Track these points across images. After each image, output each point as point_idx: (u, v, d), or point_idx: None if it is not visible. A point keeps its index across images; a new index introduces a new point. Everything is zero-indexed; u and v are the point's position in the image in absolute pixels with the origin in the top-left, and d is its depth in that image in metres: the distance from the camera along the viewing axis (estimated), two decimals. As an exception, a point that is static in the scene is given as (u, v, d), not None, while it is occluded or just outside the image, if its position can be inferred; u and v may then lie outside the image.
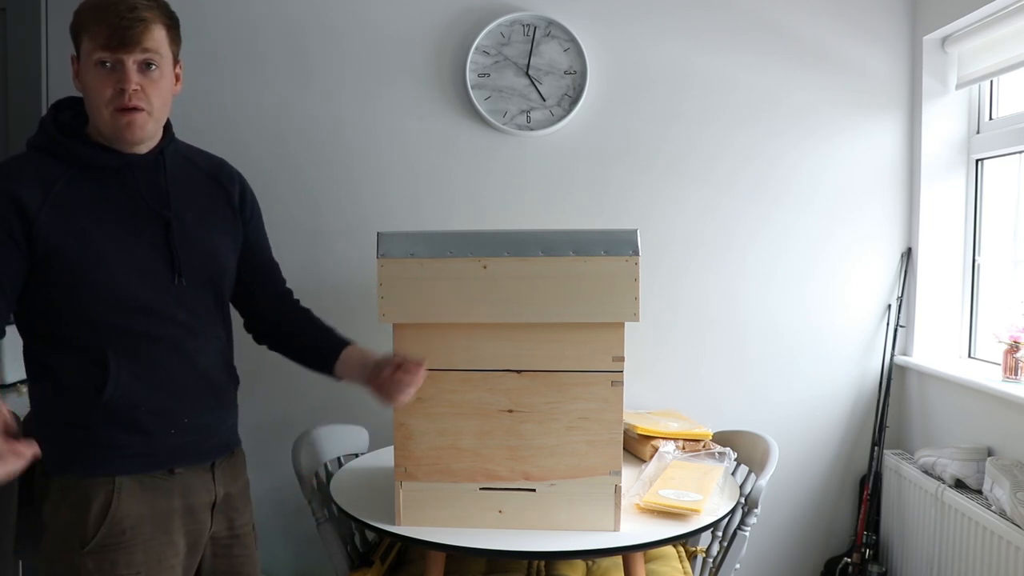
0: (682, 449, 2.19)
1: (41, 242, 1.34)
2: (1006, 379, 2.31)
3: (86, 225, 1.37)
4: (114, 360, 1.38)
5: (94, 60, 1.34)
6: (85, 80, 1.37)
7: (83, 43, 1.36)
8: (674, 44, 2.69)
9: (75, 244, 1.35)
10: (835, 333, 2.75)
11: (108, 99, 1.35)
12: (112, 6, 1.33)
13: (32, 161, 1.39)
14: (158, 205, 1.44)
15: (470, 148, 2.71)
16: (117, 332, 1.39)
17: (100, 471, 1.38)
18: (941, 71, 2.65)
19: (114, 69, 1.35)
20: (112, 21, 1.32)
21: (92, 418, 1.39)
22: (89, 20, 1.35)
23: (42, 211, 1.34)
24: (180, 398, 1.45)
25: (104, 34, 1.33)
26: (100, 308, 1.38)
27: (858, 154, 2.72)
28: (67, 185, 1.37)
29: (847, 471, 2.78)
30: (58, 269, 1.35)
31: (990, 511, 2.13)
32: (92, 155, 1.40)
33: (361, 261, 2.62)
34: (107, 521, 1.37)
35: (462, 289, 1.69)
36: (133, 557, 1.38)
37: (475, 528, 1.73)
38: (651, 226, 2.66)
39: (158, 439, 1.43)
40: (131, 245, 1.41)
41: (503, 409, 1.73)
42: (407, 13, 2.68)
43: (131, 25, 1.33)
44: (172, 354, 1.44)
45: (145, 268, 1.41)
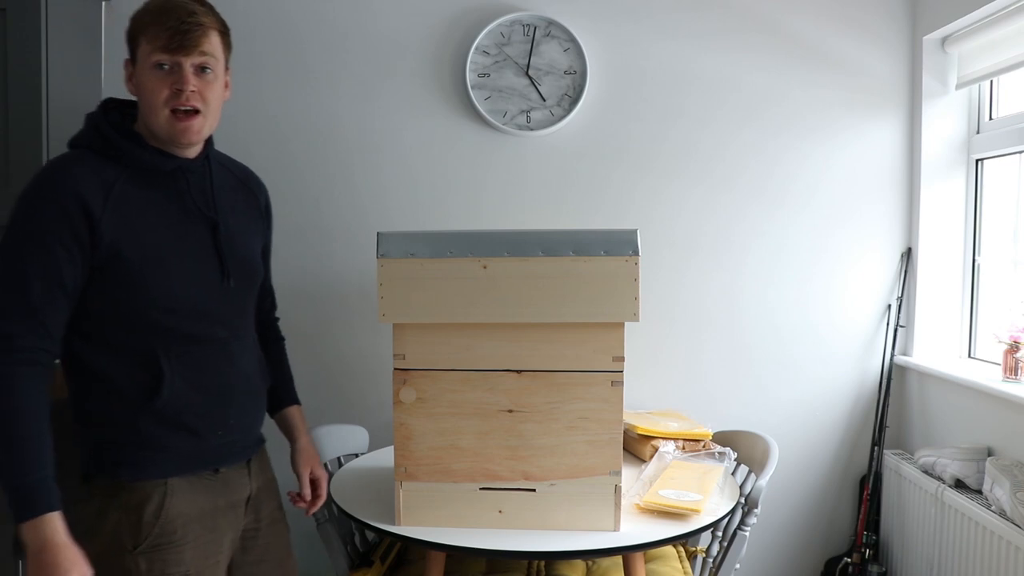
0: (682, 449, 2.19)
1: (104, 245, 1.34)
2: (1006, 379, 2.31)
3: (143, 228, 1.38)
4: (167, 364, 1.40)
5: (152, 62, 1.38)
6: (142, 82, 1.40)
7: (141, 46, 1.40)
8: (674, 44, 2.69)
9: (134, 247, 1.37)
10: (835, 333, 2.75)
11: (165, 99, 1.38)
12: (172, 11, 1.38)
13: (87, 162, 1.38)
14: (206, 208, 1.47)
15: (470, 148, 2.71)
16: (169, 335, 1.41)
17: (152, 474, 1.40)
18: (941, 71, 2.66)
19: (172, 71, 1.38)
20: (172, 25, 1.37)
21: (142, 422, 1.39)
22: (148, 24, 1.39)
23: (104, 214, 1.34)
24: (226, 399, 1.48)
25: (164, 37, 1.37)
26: (156, 312, 1.39)
27: (858, 154, 2.72)
28: (124, 187, 1.38)
29: (847, 471, 2.78)
30: (117, 272, 1.36)
31: (990, 511, 2.13)
32: (149, 158, 1.42)
33: (361, 261, 2.63)
34: (160, 522, 1.39)
35: (462, 289, 1.69)
36: (183, 556, 1.40)
37: (475, 528, 1.73)
38: (651, 226, 2.67)
39: (206, 440, 1.45)
40: (184, 248, 1.43)
41: (503, 409, 1.73)
42: (407, 13, 2.68)
43: (190, 29, 1.37)
44: (219, 356, 1.47)
45: (197, 271, 1.44)
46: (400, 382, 1.73)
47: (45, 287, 1.31)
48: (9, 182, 2.35)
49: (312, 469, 1.70)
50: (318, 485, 1.70)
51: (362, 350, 2.68)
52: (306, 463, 1.69)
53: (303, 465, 1.69)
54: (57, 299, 1.32)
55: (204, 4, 1.43)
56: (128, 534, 1.37)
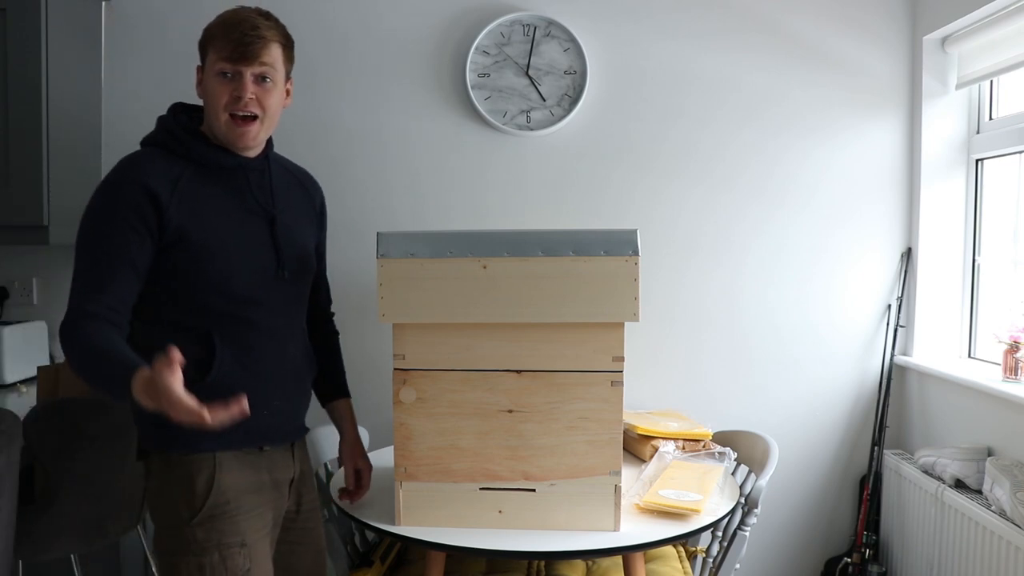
0: (682, 449, 2.19)
1: (171, 231, 1.46)
2: (1006, 379, 2.31)
3: (208, 218, 1.50)
4: (219, 344, 1.49)
5: (216, 70, 1.50)
6: (207, 87, 1.52)
7: (209, 55, 1.52)
8: (674, 44, 2.69)
9: (199, 234, 1.48)
10: (835, 333, 2.75)
11: (225, 104, 1.50)
12: (237, 24, 1.50)
13: (155, 158, 1.51)
14: (266, 204, 1.59)
15: (470, 148, 2.71)
16: (224, 318, 1.51)
17: (202, 447, 1.49)
18: (941, 71, 2.66)
19: (233, 79, 1.50)
20: (236, 37, 1.48)
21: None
22: (216, 35, 1.51)
23: (172, 202, 1.46)
24: (271, 382, 1.57)
25: (228, 48, 1.48)
26: (213, 295, 1.50)
27: (858, 154, 2.72)
28: (190, 180, 1.50)
29: (847, 471, 2.78)
30: (182, 256, 1.48)
31: (990, 511, 2.13)
32: (212, 155, 1.54)
33: (361, 261, 2.62)
34: (212, 492, 1.48)
35: (462, 289, 1.69)
36: (237, 525, 1.49)
37: (475, 528, 1.73)
38: (651, 226, 2.67)
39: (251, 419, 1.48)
40: (243, 238, 1.54)
41: (503, 409, 1.73)
42: (407, 13, 2.68)
43: (252, 41, 1.49)
44: (269, 341, 1.56)
45: (255, 260, 1.55)
46: (400, 382, 1.73)
47: (115, 265, 1.43)
48: (9, 182, 2.35)
49: (355, 461, 1.82)
50: (361, 475, 1.83)
51: (362, 350, 2.68)
52: (351, 456, 1.82)
53: (348, 457, 1.82)
54: (127, 276, 1.44)
55: (269, 18, 1.54)
56: (184, 506, 1.48)
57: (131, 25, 2.67)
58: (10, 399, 2.33)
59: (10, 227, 2.37)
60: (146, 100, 2.66)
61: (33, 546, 1.92)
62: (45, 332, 2.65)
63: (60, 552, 1.97)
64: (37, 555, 1.93)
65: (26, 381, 2.50)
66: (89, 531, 2.00)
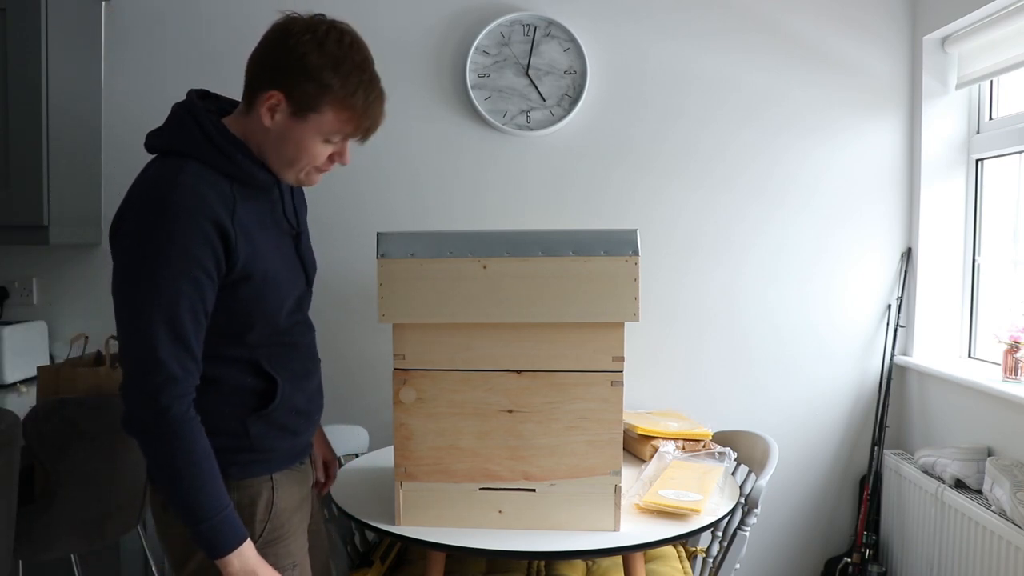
0: (682, 449, 2.19)
1: (238, 269, 1.33)
2: (1006, 379, 2.31)
3: (260, 245, 1.38)
4: (275, 371, 1.43)
5: (329, 137, 1.35)
6: (298, 139, 1.35)
7: (323, 114, 1.33)
8: (674, 44, 2.69)
9: (259, 267, 1.37)
10: (835, 333, 2.75)
11: (320, 166, 1.40)
12: (376, 100, 1.35)
13: (204, 177, 1.31)
14: (292, 220, 1.51)
15: (470, 148, 2.71)
16: (273, 344, 1.44)
17: (260, 471, 1.43)
18: (941, 71, 2.66)
19: (336, 145, 1.39)
20: (374, 117, 1.36)
21: (253, 428, 1.41)
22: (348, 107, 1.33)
23: (235, 235, 1.32)
24: (314, 398, 1.55)
25: (362, 129, 1.37)
26: (266, 323, 1.41)
27: (858, 154, 2.72)
28: (240, 204, 1.35)
29: (847, 471, 2.78)
30: (244, 292, 1.36)
31: (990, 511, 2.13)
32: (257, 174, 1.38)
33: (361, 261, 2.63)
34: (271, 517, 1.43)
35: (462, 289, 1.69)
36: (290, 547, 1.46)
37: (475, 528, 1.73)
38: (651, 226, 2.67)
39: (300, 438, 1.51)
40: (284, 260, 1.47)
41: (503, 409, 1.73)
42: (407, 13, 2.68)
43: (378, 123, 1.38)
44: (308, 357, 1.54)
45: (292, 280, 1.48)
46: (400, 382, 1.73)
47: (195, 319, 1.29)
48: (9, 182, 2.35)
49: (324, 453, 1.79)
50: (328, 467, 1.80)
51: (362, 350, 2.68)
52: (318, 448, 1.78)
53: (316, 449, 1.76)
54: (202, 328, 1.32)
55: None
56: None
57: (131, 25, 2.67)
58: (10, 399, 2.34)
59: (10, 227, 2.37)
60: (146, 99, 2.67)
61: (33, 546, 1.92)
62: (45, 332, 2.65)
63: (60, 552, 1.97)
64: (37, 555, 1.93)
65: (26, 381, 2.50)
66: (89, 531, 2.00)
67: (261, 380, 1.42)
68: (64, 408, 1.91)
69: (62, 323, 2.71)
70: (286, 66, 1.32)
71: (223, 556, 1.30)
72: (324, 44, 1.32)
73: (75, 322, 2.67)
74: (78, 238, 2.56)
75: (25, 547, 1.90)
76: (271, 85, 1.33)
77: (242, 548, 1.32)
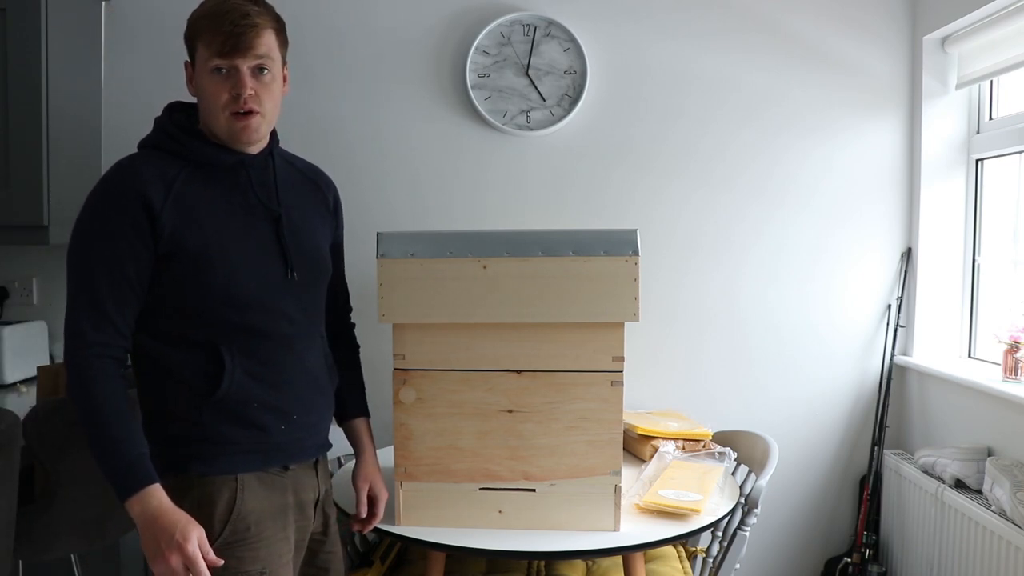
0: (682, 449, 2.19)
1: (166, 239, 1.37)
2: (1006, 379, 2.31)
3: (206, 222, 1.40)
4: (228, 356, 1.40)
5: (210, 67, 1.40)
6: (201, 85, 1.42)
7: (198, 50, 1.41)
8: (674, 44, 2.69)
9: (196, 240, 1.39)
10: (835, 333, 2.75)
11: (224, 103, 1.41)
12: (225, 15, 1.38)
13: (150, 160, 1.42)
14: (269, 202, 1.49)
15: (470, 148, 2.71)
16: (232, 328, 1.42)
17: (222, 469, 1.41)
18: (941, 71, 2.66)
19: (229, 75, 1.40)
20: (226, 29, 1.37)
21: (205, 415, 1.40)
22: (203, 28, 1.39)
23: (165, 208, 1.37)
24: (290, 395, 1.48)
25: (219, 41, 1.38)
26: (217, 303, 1.41)
27: (858, 154, 2.72)
28: (186, 183, 1.41)
29: (847, 471, 2.78)
30: (180, 265, 1.38)
31: (990, 511, 2.13)
32: (211, 153, 1.44)
33: (361, 261, 2.62)
34: (232, 518, 1.39)
35: (462, 289, 1.69)
36: (257, 553, 1.41)
37: (475, 528, 1.73)
38: (651, 226, 2.67)
39: (270, 435, 1.45)
40: (246, 241, 1.44)
41: (503, 409, 1.73)
42: (407, 13, 2.68)
43: (244, 32, 1.38)
44: (283, 351, 1.47)
45: (259, 263, 1.45)
46: (400, 382, 1.73)
47: (111, 282, 1.35)
48: (9, 182, 2.35)
49: (372, 485, 1.67)
50: (375, 503, 1.68)
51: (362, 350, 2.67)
52: (365, 479, 1.67)
53: (362, 480, 1.67)
54: (124, 293, 1.36)
55: (258, 3, 1.43)
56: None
57: (131, 25, 2.67)
58: (10, 399, 2.33)
59: (10, 227, 2.37)
60: (146, 100, 2.65)
61: (33, 546, 1.91)
62: (45, 332, 2.65)
63: (60, 552, 1.97)
64: (37, 555, 1.93)
65: (26, 381, 2.50)
66: (89, 531, 2.00)
67: (212, 363, 1.40)
68: (64, 408, 1.91)
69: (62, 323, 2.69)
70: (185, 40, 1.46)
71: (124, 500, 1.32)
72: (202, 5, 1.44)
73: (75, 322, 2.67)
74: (78, 238, 2.56)
75: (25, 547, 1.90)
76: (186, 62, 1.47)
77: (144, 494, 1.30)
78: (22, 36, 2.32)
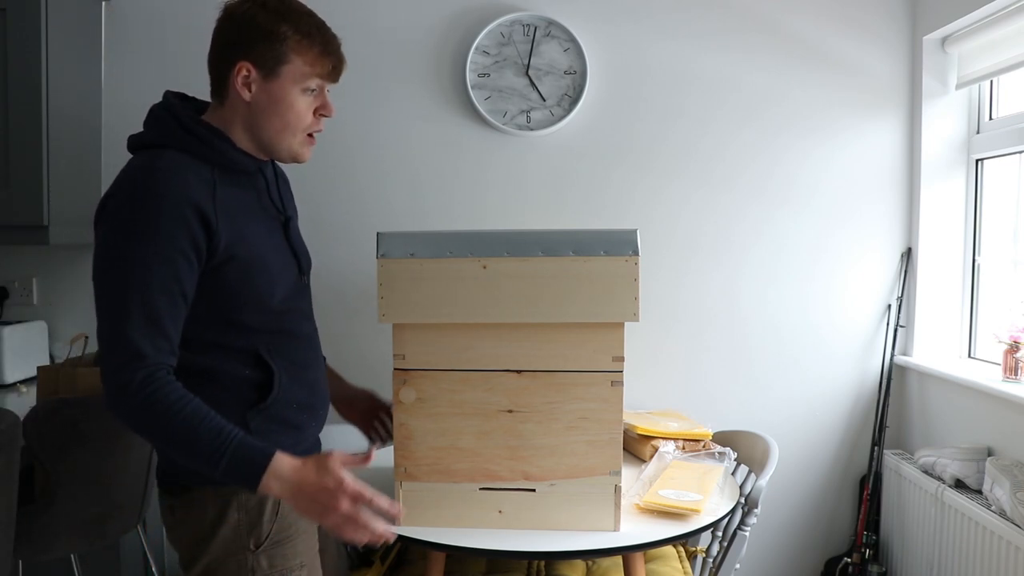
0: (682, 449, 2.19)
1: (220, 252, 1.34)
2: (1006, 379, 2.31)
3: (245, 229, 1.39)
4: (272, 361, 1.42)
5: (307, 84, 1.38)
6: (283, 98, 1.37)
7: (291, 63, 1.36)
8: (674, 44, 2.69)
9: (243, 248, 1.37)
10: (835, 333, 2.75)
11: (309, 124, 1.41)
12: (333, 39, 1.39)
13: (187, 165, 1.34)
14: (279, 206, 1.52)
15: (470, 148, 2.71)
16: (269, 332, 1.43)
17: None
18: (941, 71, 2.66)
19: (318, 95, 1.40)
20: (337, 54, 1.39)
21: (253, 421, 1.40)
22: (310, 46, 1.36)
23: (217, 217, 1.33)
24: (317, 391, 1.54)
25: (330, 64, 1.38)
26: (255, 310, 1.41)
27: (858, 154, 2.72)
28: (222, 189, 1.37)
29: (847, 471, 2.78)
30: (229, 276, 1.36)
31: (990, 511, 2.13)
32: (240, 160, 1.41)
33: (361, 261, 2.63)
34: (278, 518, 1.42)
35: (462, 289, 1.69)
36: (297, 548, 1.45)
37: (475, 528, 1.73)
38: (651, 226, 2.67)
39: (305, 433, 1.49)
40: (273, 245, 1.46)
41: (503, 409, 1.73)
42: (407, 13, 2.68)
43: (344, 58, 1.41)
44: (308, 349, 1.52)
45: (282, 267, 1.47)
46: (400, 382, 1.73)
47: (169, 300, 1.29)
48: (9, 182, 2.35)
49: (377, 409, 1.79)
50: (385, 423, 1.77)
51: (362, 350, 2.68)
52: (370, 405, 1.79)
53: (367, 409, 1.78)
54: (179, 310, 1.31)
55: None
56: (249, 534, 1.40)
57: (131, 25, 2.67)
58: (10, 399, 2.33)
59: (10, 227, 2.37)
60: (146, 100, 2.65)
61: (33, 546, 1.92)
62: (45, 332, 2.65)
63: (60, 552, 1.97)
64: (37, 555, 1.93)
65: (26, 381, 2.50)
66: (89, 531, 2.00)
67: (259, 371, 1.41)
68: (64, 408, 1.91)
69: (62, 323, 2.71)
70: (241, 37, 1.35)
71: (258, 485, 1.27)
72: (266, 4, 1.36)
73: (75, 322, 2.67)
74: (78, 238, 2.56)
75: (25, 547, 1.90)
76: (236, 60, 1.36)
77: (272, 469, 1.26)
78: (22, 36, 2.32)
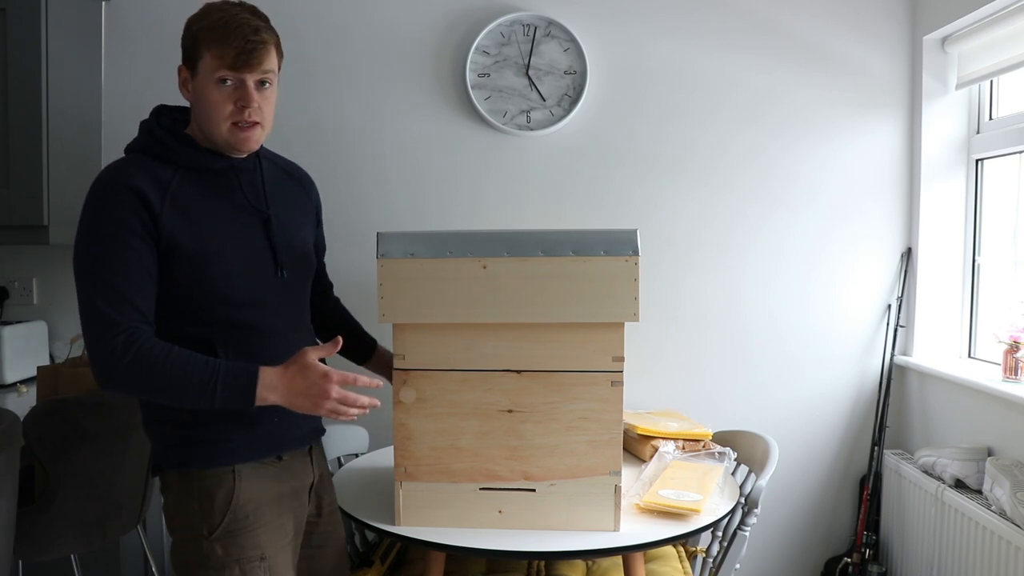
0: (682, 449, 2.19)
1: (165, 238, 1.41)
2: (1006, 379, 2.31)
3: (200, 222, 1.45)
4: (222, 352, 1.46)
5: (216, 77, 1.44)
6: (203, 94, 1.45)
7: (204, 59, 1.44)
8: (674, 44, 2.69)
9: (193, 241, 1.44)
10: (835, 333, 2.75)
11: (228, 114, 1.45)
12: (237, 29, 1.43)
13: (141, 163, 1.45)
14: (258, 203, 1.55)
15: (470, 148, 2.71)
16: (227, 325, 1.48)
17: (220, 462, 1.47)
18: (941, 71, 2.66)
19: (236, 87, 1.45)
20: (239, 44, 1.42)
21: (204, 412, 1.44)
22: (214, 40, 1.43)
23: (163, 208, 1.41)
24: None
25: (231, 55, 1.42)
26: (213, 302, 1.47)
27: (858, 154, 2.72)
28: (179, 185, 1.45)
29: (847, 471, 2.78)
30: (177, 265, 1.43)
31: (990, 511, 2.13)
32: (201, 159, 1.49)
33: (361, 261, 2.62)
34: (231, 508, 1.46)
35: (462, 289, 1.69)
36: (256, 539, 1.47)
37: (475, 528, 1.73)
38: (651, 226, 2.67)
39: (264, 428, 1.51)
40: (238, 241, 1.50)
41: (503, 409, 1.73)
42: (407, 13, 2.68)
43: (255, 48, 1.43)
44: (275, 346, 1.52)
45: (252, 262, 1.51)
46: (400, 382, 1.73)
47: (130, 273, 1.38)
48: (9, 182, 2.35)
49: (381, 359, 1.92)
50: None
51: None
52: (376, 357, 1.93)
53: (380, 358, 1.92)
54: (143, 281, 1.40)
55: (260, 17, 1.48)
56: (203, 521, 1.45)
57: (131, 25, 2.67)
58: (10, 399, 2.34)
59: (10, 227, 2.37)
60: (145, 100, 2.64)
61: (33, 546, 1.92)
62: (45, 332, 2.65)
63: (60, 552, 1.97)
64: (37, 555, 1.93)
65: (26, 381, 2.50)
66: (89, 531, 2.00)
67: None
68: (64, 408, 1.91)
69: (62, 323, 2.71)
70: (183, 43, 1.49)
71: (255, 402, 1.38)
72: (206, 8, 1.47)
73: (75, 322, 2.64)
74: (78, 238, 2.56)
75: (25, 547, 1.90)
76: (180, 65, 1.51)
77: (262, 382, 1.37)
78: (22, 36, 2.32)
